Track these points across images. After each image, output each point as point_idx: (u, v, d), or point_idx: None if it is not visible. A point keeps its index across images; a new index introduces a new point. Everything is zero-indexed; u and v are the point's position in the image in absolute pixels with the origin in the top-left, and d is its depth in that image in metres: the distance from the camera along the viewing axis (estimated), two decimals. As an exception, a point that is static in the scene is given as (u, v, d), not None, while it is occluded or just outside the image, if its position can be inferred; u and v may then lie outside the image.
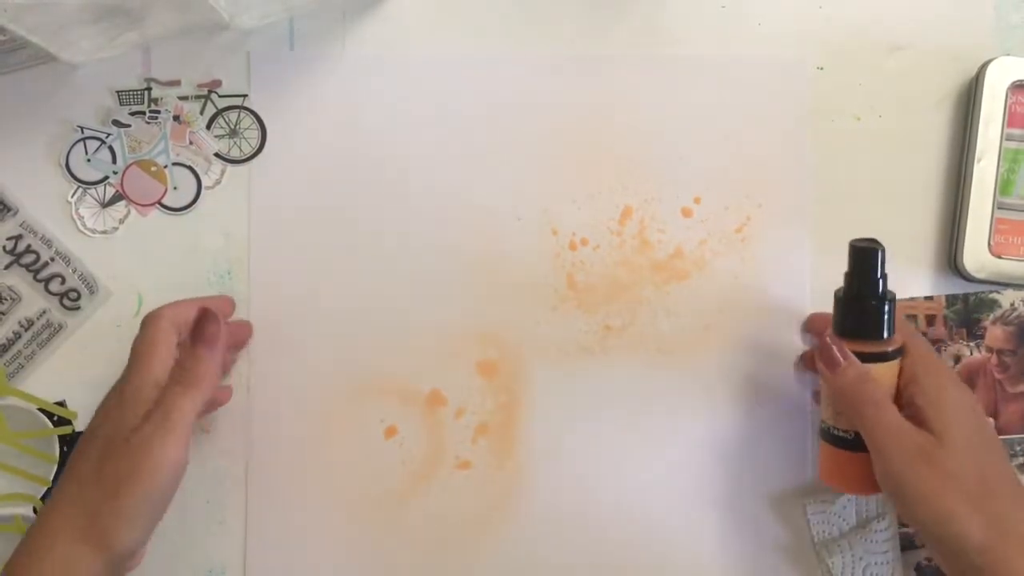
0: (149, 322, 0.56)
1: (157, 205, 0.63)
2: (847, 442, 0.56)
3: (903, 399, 0.55)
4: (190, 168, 0.64)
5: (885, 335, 0.55)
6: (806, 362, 0.62)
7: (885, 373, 0.55)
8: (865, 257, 0.55)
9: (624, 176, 0.64)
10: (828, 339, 0.55)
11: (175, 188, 0.64)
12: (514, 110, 0.64)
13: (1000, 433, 0.63)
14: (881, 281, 0.55)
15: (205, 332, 0.54)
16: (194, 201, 0.64)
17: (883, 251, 0.55)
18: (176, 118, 0.63)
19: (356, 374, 0.64)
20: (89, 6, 0.55)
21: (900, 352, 0.55)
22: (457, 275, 0.64)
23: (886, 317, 0.55)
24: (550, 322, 0.64)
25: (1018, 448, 0.63)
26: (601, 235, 0.64)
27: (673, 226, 0.64)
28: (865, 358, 0.54)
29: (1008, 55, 0.62)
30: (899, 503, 0.52)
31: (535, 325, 0.64)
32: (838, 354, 0.54)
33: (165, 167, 0.63)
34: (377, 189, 0.64)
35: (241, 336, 0.63)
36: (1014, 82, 0.62)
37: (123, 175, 0.63)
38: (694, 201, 0.64)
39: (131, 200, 0.63)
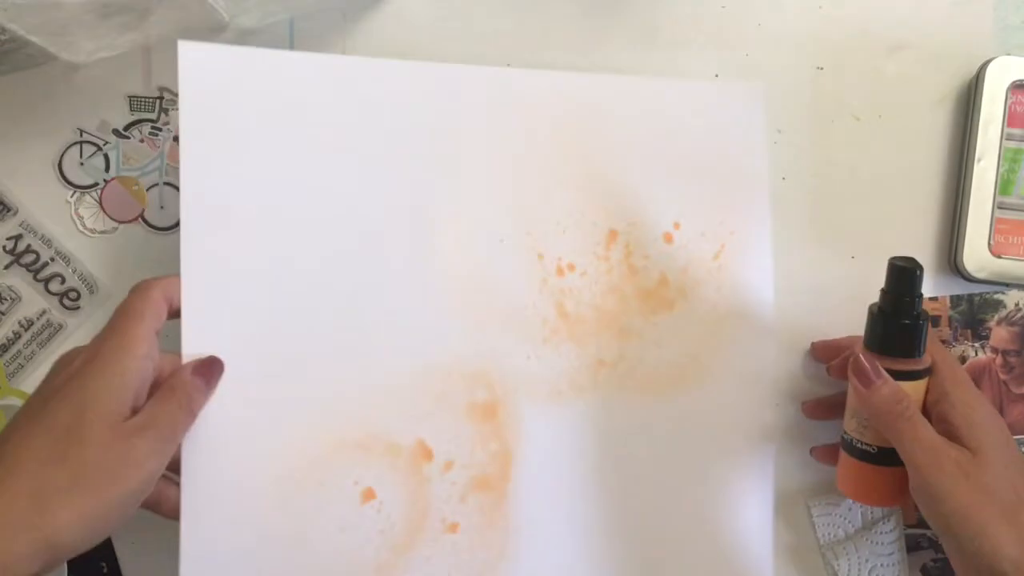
0: (140, 292, 0.51)
1: (140, 221, 0.63)
2: (870, 455, 0.56)
3: (933, 415, 0.55)
4: (179, 190, 0.63)
5: (918, 354, 0.55)
6: (806, 410, 0.63)
7: (915, 390, 0.55)
8: (904, 276, 0.54)
9: (607, 199, 0.61)
10: (862, 356, 0.55)
11: (162, 207, 0.63)
12: (490, 127, 0.59)
13: (1006, 434, 0.63)
14: (918, 300, 0.54)
15: (212, 370, 0.52)
16: (179, 223, 0.62)
17: (922, 271, 0.54)
18: (176, 139, 0.63)
19: (324, 427, 0.54)
20: (90, 5, 0.55)
21: (930, 371, 0.55)
22: (437, 305, 0.57)
23: (921, 337, 0.55)
24: (541, 357, 0.59)
25: (1023, 449, 0.63)
26: (588, 261, 0.60)
27: (656, 252, 0.61)
28: (897, 375, 0.54)
29: (1008, 55, 0.62)
30: (935, 518, 0.52)
31: (526, 360, 0.58)
32: (871, 371, 0.54)
33: (150, 188, 0.63)
34: (341, 211, 0.56)
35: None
36: (1014, 82, 0.62)
37: (104, 188, 0.63)
38: (674, 227, 0.61)
39: (107, 214, 0.63)
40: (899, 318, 0.54)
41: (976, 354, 0.64)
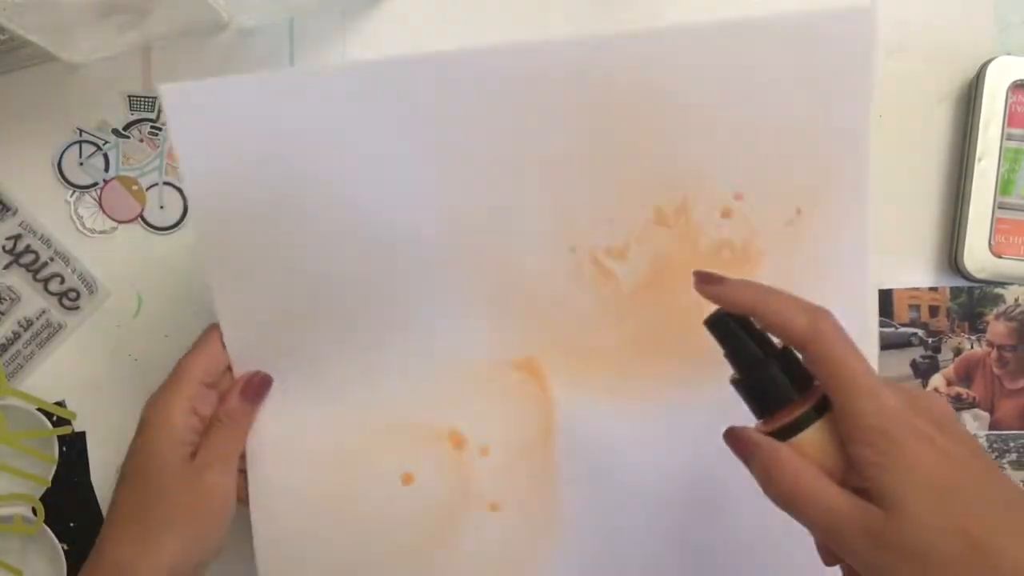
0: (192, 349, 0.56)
1: (139, 220, 0.63)
2: None
3: (848, 461, 0.42)
4: (179, 190, 0.63)
5: (793, 396, 0.44)
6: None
7: (814, 439, 0.42)
8: (724, 329, 0.45)
9: (651, 176, 0.54)
10: (731, 434, 0.45)
11: (161, 207, 0.63)
12: (519, 107, 0.53)
13: (995, 428, 0.63)
14: (753, 342, 0.45)
15: (259, 387, 0.56)
16: (179, 223, 0.63)
17: (730, 315, 0.45)
18: None
19: (360, 418, 0.57)
20: (89, 5, 0.55)
21: (824, 406, 0.43)
22: (468, 300, 0.55)
23: (777, 378, 0.44)
24: (581, 342, 0.56)
25: (1012, 444, 0.63)
26: (630, 243, 0.55)
27: (713, 226, 0.55)
28: (782, 434, 0.43)
29: (1008, 55, 0.62)
30: None
31: (564, 346, 0.56)
32: (744, 445, 0.44)
33: (149, 187, 0.63)
34: (363, 215, 0.54)
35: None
36: (1014, 82, 0.62)
37: (104, 188, 0.63)
38: (735, 197, 0.55)
39: (107, 214, 0.63)
40: (748, 372, 0.45)
41: (972, 347, 0.64)
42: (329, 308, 0.55)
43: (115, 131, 0.63)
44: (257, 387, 0.56)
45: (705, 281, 0.46)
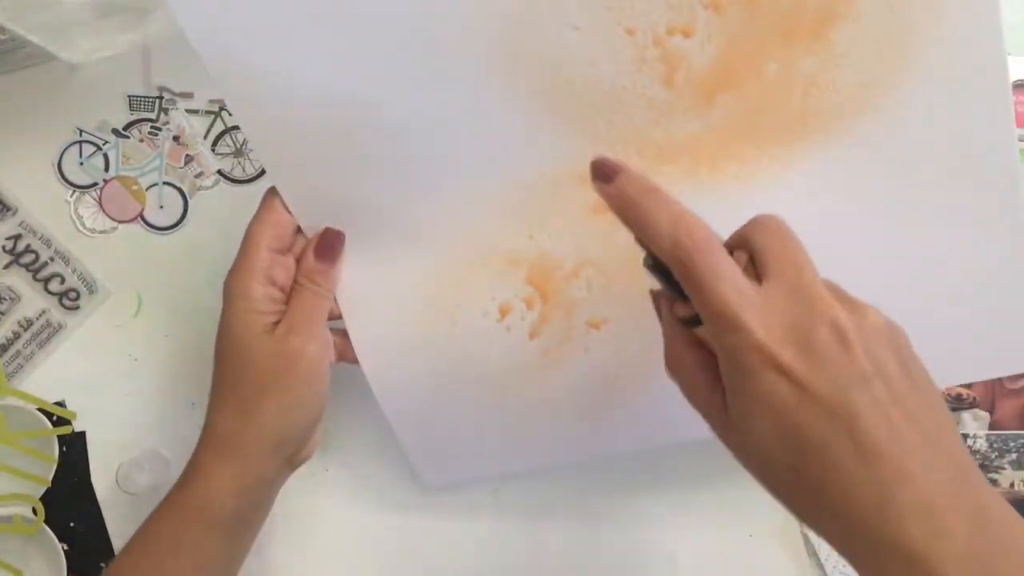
0: (253, 223, 0.54)
1: (139, 220, 0.63)
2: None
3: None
4: (179, 190, 0.63)
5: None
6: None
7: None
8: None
9: None
10: (653, 299, 0.47)
11: (161, 207, 0.63)
12: None
13: (995, 428, 0.63)
14: None
15: (332, 245, 0.54)
16: (179, 223, 0.63)
17: None
18: (176, 139, 0.63)
19: (442, 256, 0.54)
20: (89, 4, 0.55)
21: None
22: (523, 114, 0.50)
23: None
24: (659, 134, 0.50)
25: (1012, 444, 0.63)
26: (694, 15, 0.48)
27: None
28: (689, 321, 0.43)
29: (1008, 55, 0.63)
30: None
31: (643, 140, 0.50)
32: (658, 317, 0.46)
33: (149, 187, 0.63)
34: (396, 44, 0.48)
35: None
36: (1014, 82, 0.62)
37: (104, 188, 0.63)
38: None
39: (107, 214, 0.63)
40: (656, 260, 0.43)
41: (971, 349, 0.64)
42: (382, 141, 0.51)
43: (115, 131, 0.63)
44: (330, 244, 0.54)
45: (594, 175, 0.44)
